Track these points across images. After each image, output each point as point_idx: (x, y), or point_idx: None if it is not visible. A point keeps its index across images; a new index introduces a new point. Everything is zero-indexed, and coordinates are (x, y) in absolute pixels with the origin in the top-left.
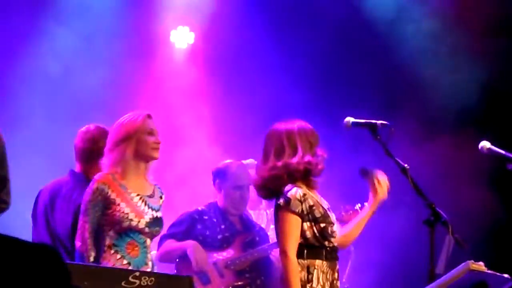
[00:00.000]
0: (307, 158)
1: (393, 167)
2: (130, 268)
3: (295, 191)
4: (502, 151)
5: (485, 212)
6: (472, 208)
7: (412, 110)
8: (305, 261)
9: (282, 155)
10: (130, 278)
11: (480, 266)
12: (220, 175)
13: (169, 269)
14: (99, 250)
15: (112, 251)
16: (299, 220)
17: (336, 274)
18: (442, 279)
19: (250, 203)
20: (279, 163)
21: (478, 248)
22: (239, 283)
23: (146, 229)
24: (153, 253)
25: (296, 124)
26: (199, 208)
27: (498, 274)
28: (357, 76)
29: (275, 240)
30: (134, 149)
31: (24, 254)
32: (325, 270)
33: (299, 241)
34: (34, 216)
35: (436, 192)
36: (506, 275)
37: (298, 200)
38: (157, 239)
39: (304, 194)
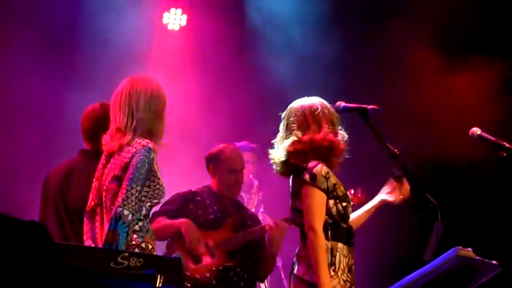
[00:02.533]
0: (331, 136)
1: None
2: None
3: (320, 167)
4: (493, 138)
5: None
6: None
7: None
8: (329, 243)
9: (307, 130)
10: (119, 259)
11: (469, 252)
12: (214, 159)
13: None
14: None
15: (147, 222)
16: (325, 197)
17: (353, 260)
18: (430, 265)
19: (243, 186)
20: (305, 137)
21: (467, 234)
22: (229, 264)
23: None
24: None
25: (319, 101)
26: (193, 189)
27: (486, 260)
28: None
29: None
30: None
31: (13, 230)
32: (345, 254)
33: (325, 219)
34: (44, 198)
35: None
36: (494, 262)
37: (323, 176)
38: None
39: (328, 172)
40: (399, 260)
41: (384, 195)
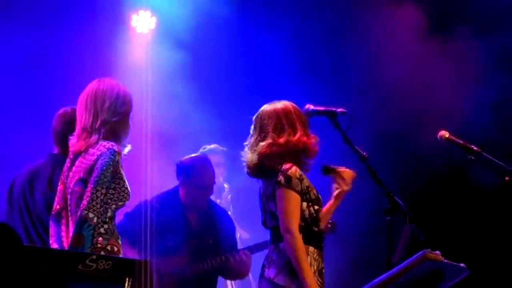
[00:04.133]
0: (305, 138)
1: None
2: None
3: (294, 169)
4: (461, 141)
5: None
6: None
7: None
8: None
9: (282, 133)
10: (87, 262)
11: (437, 255)
12: (185, 172)
13: None
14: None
15: (112, 224)
16: (300, 199)
17: (323, 263)
18: (398, 267)
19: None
20: (281, 140)
21: (435, 237)
22: None
23: None
24: None
25: (290, 104)
26: (158, 205)
27: (454, 263)
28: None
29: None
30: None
31: None
32: (316, 258)
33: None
34: (9, 201)
35: None
36: (462, 265)
37: (298, 178)
38: None
39: (301, 174)
40: (368, 262)
41: (334, 191)
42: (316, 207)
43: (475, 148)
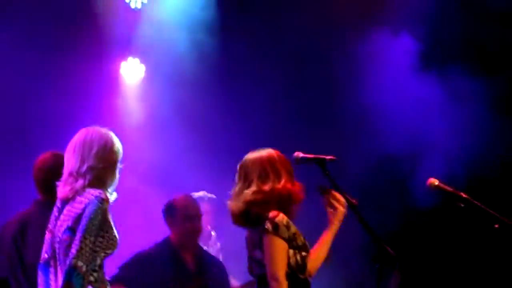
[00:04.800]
0: (289, 185)
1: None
2: None
3: (281, 217)
4: (451, 188)
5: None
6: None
7: None
8: None
9: (267, 180)
10: None
11: None
12: (169, 211)
13: None
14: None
15: (102, 272)
16: (287, 246)
17: None
18: None
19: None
20: (266, 187)
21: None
22: None
23: None
24: None
25: (274, 151)
26: (152, 251)
27: None
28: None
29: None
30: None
31: None
32: None
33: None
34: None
35: None
36: None
37: (285, 225)
38: None
39: (288, 221)
40: None
41: (330, 216)
42: (303, 253)
43: (464, 195)
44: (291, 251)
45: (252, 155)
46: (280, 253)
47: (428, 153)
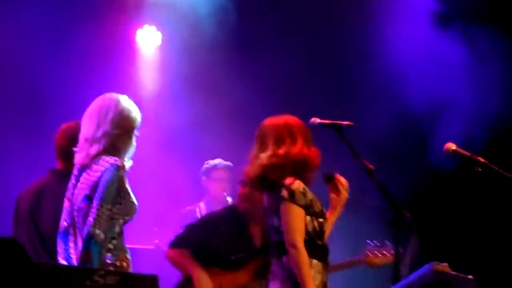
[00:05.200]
0: (306, 150)
1: None
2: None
3: (298, 184)
4: (468, 153)
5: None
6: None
7: None
8: None
9: (282, 144)
10: (95, 277)
11: (445, 267)
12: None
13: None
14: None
15: (121, 240)
16: (304, 213)
17: (327, 276)
18: (406, 280)
19: (216, 204)
20: (280, 151)
21: (443, 249)
22: None
23: None
24: None
25: (292, 118)
26: (218, 218)
27: (462, 275)
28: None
29: None
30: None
31: None
32: (320, 271)
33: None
34: (16, 220)
35: None
36: (470, 277)
37: (301, 192)
38: None
39: (305, 188)
40: (375, 275)
41: (334, 200)
42: (320, 220)
43: (481, 159)
44: (308, 218)
45: (269, 121)
46: (297, 221)
47: (449, 114)
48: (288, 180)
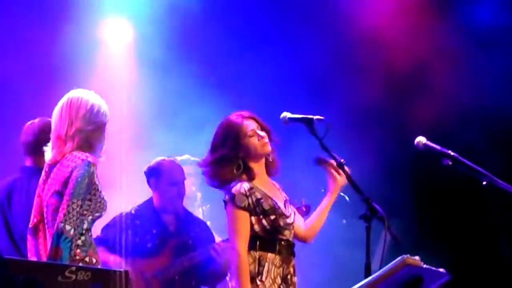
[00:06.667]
0: (237, 147)
1: None
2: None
3: (239, 186)
4: (438, 147)
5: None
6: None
7: None
8: (257, 253)
9: (217, 147)
10: (66, 273)
11: (416, 260)
12: (153, 173)
13: None
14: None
15: (89, 236)
16: (246, 214)
17: (291, 269)
18: (378, 273)
19: (185, 199)
20: (216, 154)
21: (414, 242)
22: None
23: None
24: None
25: (232, 114)
26: (132, 211)
27: (434, 268)
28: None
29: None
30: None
31: None
32: (277, 264)
33: (251, 234)
34: None
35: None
36: (441, 270)
37: (243, 194)
38: None
39: (251, 188)
40: (347, 269)
41: (329, 185)
42: (272, 216)
43: (452, 153)
44: (253, 218)
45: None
46: (236, 223)
47: None
48: (231, 184)
